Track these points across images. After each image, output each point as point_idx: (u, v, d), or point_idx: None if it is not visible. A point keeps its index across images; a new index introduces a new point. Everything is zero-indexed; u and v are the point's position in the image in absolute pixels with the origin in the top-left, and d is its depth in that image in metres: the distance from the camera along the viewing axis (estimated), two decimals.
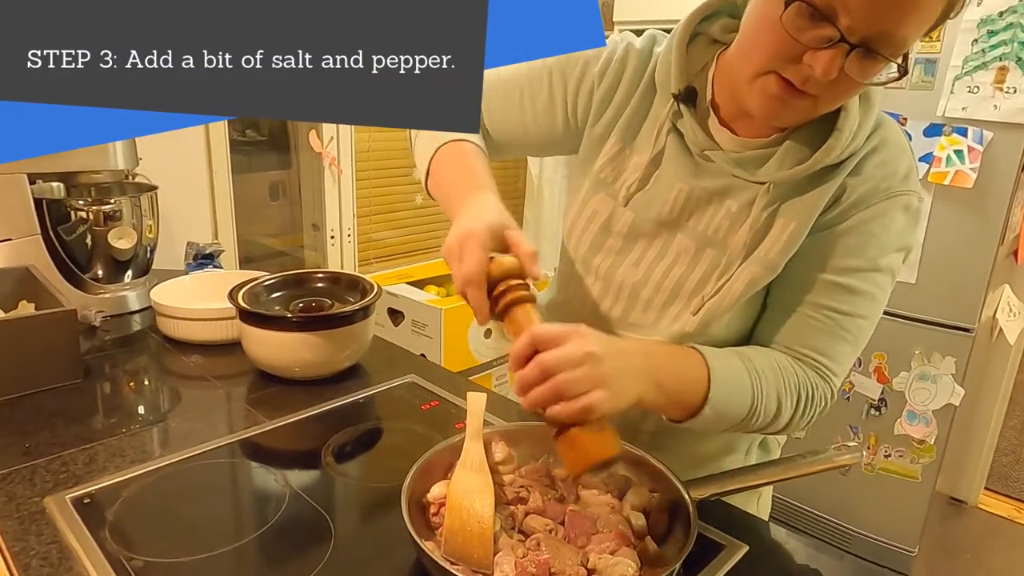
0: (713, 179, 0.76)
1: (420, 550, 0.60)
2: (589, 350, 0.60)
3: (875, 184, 0.72)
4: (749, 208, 0.74)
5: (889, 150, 0.73)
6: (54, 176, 1.28)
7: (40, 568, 0.63)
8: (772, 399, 0.72)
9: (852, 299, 0.73)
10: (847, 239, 0.73)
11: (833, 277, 0.73)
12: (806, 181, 0.72)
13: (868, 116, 0.71)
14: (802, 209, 0.72)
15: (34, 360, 0.96)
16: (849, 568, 0.72)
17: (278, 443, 0.89)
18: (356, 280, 1.14)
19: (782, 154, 0.72)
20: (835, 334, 0.74)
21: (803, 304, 0.74)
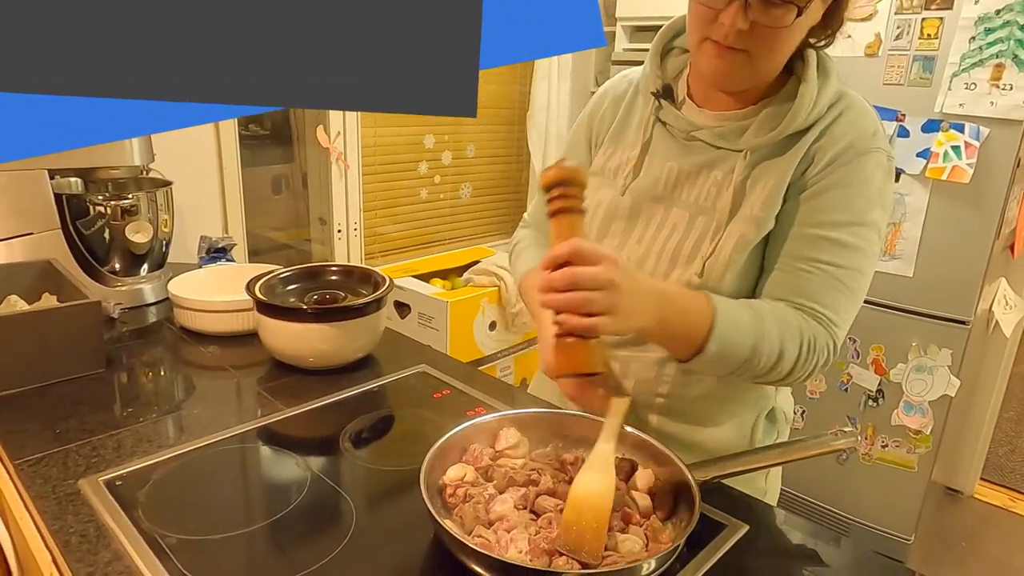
0: (699, 155, 0.86)
1: (439, 526, 0.64)
2: (614, 279, 0.66)
3: (847, 142, 0.79)
4: (731, 174, 0.83)
5: (854, 112, 0.81)
6: (73, 172, 1.32)
7: (79, 544, 0.67)
8: (775, 340, 0.76)
9: (843, 252, 0.79)
10: (830, 194, 0.79)
11: (822, 231, 0.79)
12: (779, 147, 0.81)
13: (827, 86, 0.80)
14: (777, 170, 0.81)
15: (60, 350, 1.00)
16: (846, 550, 0.76)
17: (297, 430, 0.92)
18: (368, 273, 1.17)
19: (757, 125, 0.82)
20: (831, 285, 0.79)
21: (797, 260, 0.80)
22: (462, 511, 0.69)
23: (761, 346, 0.76)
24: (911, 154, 1.88)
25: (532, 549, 0.64)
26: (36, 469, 0.79)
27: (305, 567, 0.65)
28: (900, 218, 1.93)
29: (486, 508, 0.70)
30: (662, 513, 0.71)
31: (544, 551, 0.64)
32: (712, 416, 0.91)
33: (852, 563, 0.74)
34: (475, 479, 0.74)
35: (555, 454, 0.80)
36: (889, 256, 1.96)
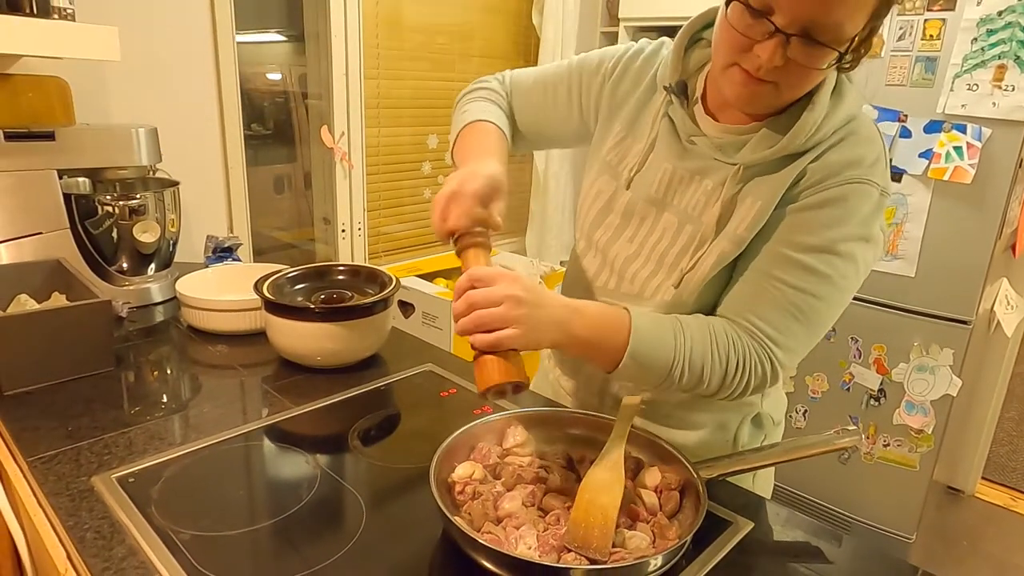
0: (695, 161, 0.84)
1: (449, 522, 0.65)
2: (510, 293, 0.69)
3: (839, 168, 0.76)
4: (721, 187, 0.81)
5: (857, 140, 0.77)
6: (81, 172, 1.33)
7: (94, 541, 0.68)
8: (697, 360, 0.76)
9: (806, 276, 0.76)
10: (809, 215, 0.77)
11: (789, 252, 0.77)
12: (774, 165, 0.78)
13: (838, 108, 0.77)
14: (767, 190, 0.78)
15: (70, 349, 1.01)
16: (849, 548, 0.76)
17: (306, 428, 0.93)
18: (375, 273, 1.18)
19: (756, 140, 0.79)
20: (782, 307, 0.77)
21: (761, 275, 0.79)
22: (471, 508, 0.70)
23: (680, 361, 0.76)
24: (913, 154, 1.88)
25: (541, 545, 0.65)
26: (49, 466, 0.80)
27: (316, 563, 0.66)
28: (902, 218, 1.93)
29: (495, 505, 0.71)
30: (668, 511, 0.72)
31: (553, 547, 0.65)
32: (694, 420, 0.91)
33: (855, 560, 0.75)
34: (483, 477, 0.75)
35: (563, 452, 0.81)
36: (891, 256, 1.97)
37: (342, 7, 2.12)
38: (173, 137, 1.58)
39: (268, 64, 2.23)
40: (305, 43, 2.23)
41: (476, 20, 2.55)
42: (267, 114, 2.30)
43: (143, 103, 1.67)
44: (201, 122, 1.80)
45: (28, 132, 1.23)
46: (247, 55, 1.97)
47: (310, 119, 2.32)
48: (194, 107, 1.78)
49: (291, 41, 2.24)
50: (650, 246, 0.87)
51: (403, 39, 2.34)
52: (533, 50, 2.71)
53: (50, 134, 1.25)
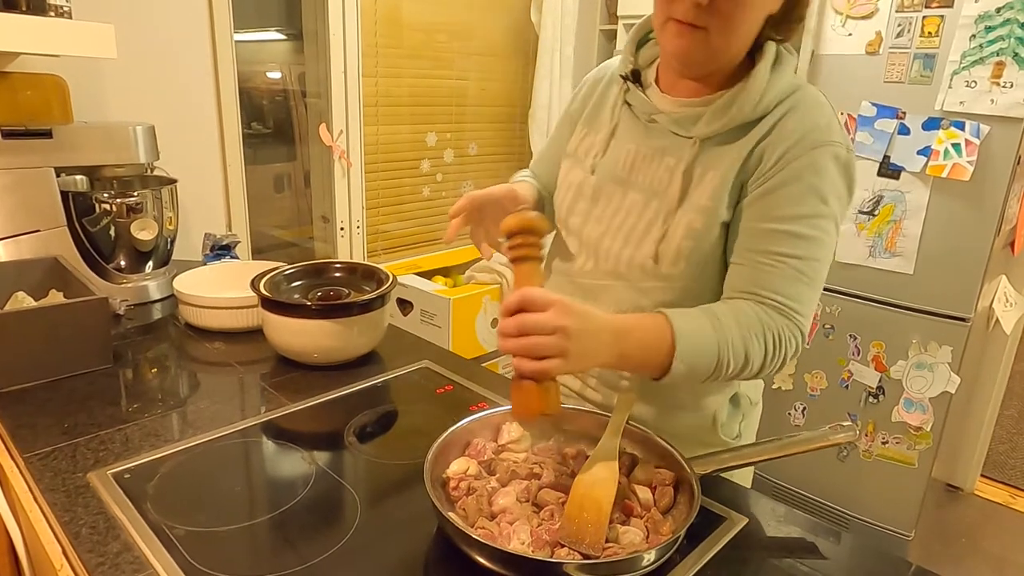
0: (656, 139, 0.90)
1: (443, 519, 0.65)
2: (562, 324, 0.68)
3: (798, 137, 0.80)
4: (682, 162, 0.86)
5: (806, 107, 0.82)
6: (78, 170, 1.33)
7: (89, 536, 0.68)
8: (739, 344, 0.78)
9: (802, 244, 0.80)
10: (785, 190, 0.80)
11: (779, 226, 0.80)
12: (728, 136, 0.83)
13: (779, 78, 0.82)
14: (724, 161, 0.83)
15: (68, 346, 1.01)
16: (846, 544, 0.77)
17: (302, 424, 0.93)
18: (372, 270, 1.18)
19: (709, 115, 0.84)
20: (791, 277, 0.80)
21: (757, 254, 0.81)
22: (465, 504, 0.70)
23: (726, 353, 0.77)
24: (911, 152, 1.88)
25: (535, 540, 0.65)
26: (46, 463, 0.80)
27: (311, 559, 0.67)
28: (900, 215, 1.93)
29: (489, 501, 0.71)
30: (663, 506, 0.72)
31: (546, 542, 0.65)
32: (677, 400, 0.94)
33: (853, 557, 0.75)
34: (478, 473, 0.75)
35: (557, 448, 0.81)
36: (890, 253, 1.97)
37: (340, 5, 2.12)
38: (171, 135, 1.58)
39: (267, 62, 2.23)
40: (304, 41, 2.23)
41: (475, 18, 2.55)
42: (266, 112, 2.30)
43: (141, 101, 1.67)
44: (199, 120, 1.80)
45: (26, 130, 1.23)
46: (246, 53, 1.97)
47: (309, 117, 2.32)
48: (192, 105, 1.78)
49: (290, 39, 2.24)
50: (617, 223, 0.91)
51: (402, 37, 2.35)
52: (532, 48, 2.70)
53: (47, 132, 1.25)
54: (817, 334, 2.16)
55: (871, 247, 2.00)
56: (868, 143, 1.95)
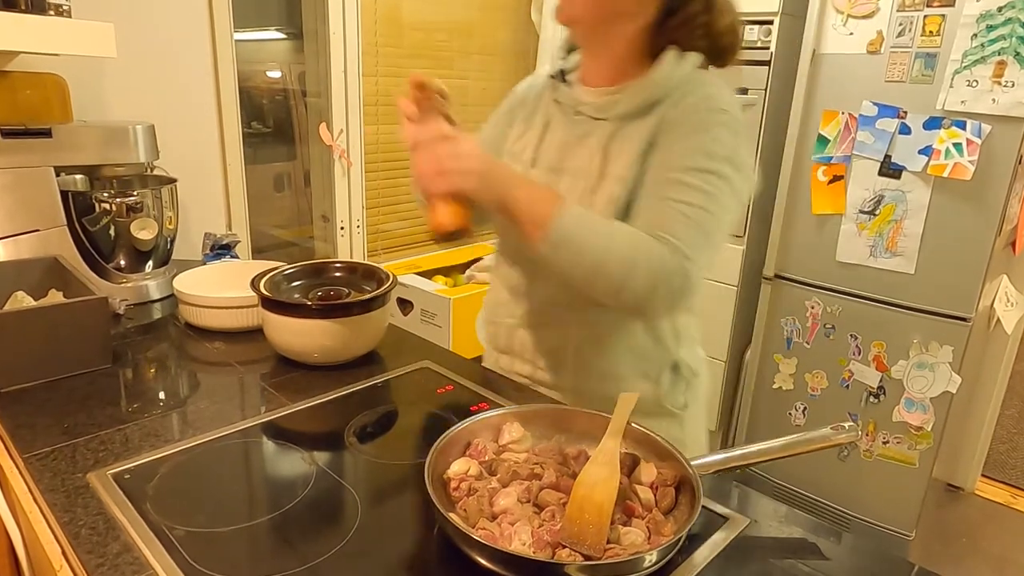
0: (582, 127, 0.99)
1: (444, 519, 0.65)
2: (471, 150, 0.83)
3: (695, 105, 0.90)
4: (601, 140, 0.95)
5: (704, 84, 0.92)
6: (78, 169, 1.33)
7: (89, 537, 0.68)
8: (624, 256, 0.83)
9: (691, 192, 0.85)
10: (678, 145, 0.89)
11: (672, 174, 0.87)
12: (639, 113, 0.93)
13: (682, 65, 0.92)
14: (636, 134, 0.92)
15: (68, 346, 1.01)
16: (847, 545, 0.76)
17: (302, 424, 0.93)
18: (372, 270, 1.18)
19: (624, 98, 0.94)
20: (681, 220, 0.85)
21: (653, 199, 0.88)
22: (466, 504, 0.70)
23: (610, 253, 0.83)
24: (913, 151, 1.88)
25: (536, 541, 0.65)
26: (45, 463, 0.80)
27: (311, 559, 0.66)
28: (901, 215, 1.93)
29: (490, 501, 0.70)
30: (664, 507, 0.72)
31: (547, 543, 0.65)
32: (620, 372, 1.01)
33: (854, 557, 0.75)
34: (479, 473, 0.75)
35: (558, 448, 0.81)
36: (891, 253, 1.97)
37: (340, 5, 2.12)
38: (171, 134, 1.58)
39: (267, 62, 2.23)
40: (304, 41, 2.22)
41: (475, 18, 2.55)
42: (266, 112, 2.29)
43: (141, 100, 1.66)
44: (199, 119, 1.80)
45: (25, 129, 1.23)
46: (246, 53, 1.97)
47: (309, 117, 2.31)
48: (192, 104, 1.78)
49: (290, 39, 2.23)
50: None
51: (402, 37, 2.34)
52: (532, 48, 2.70)
53: (47, 131, 1.25)
54: (818, 334, 2.15)
55: (872, 247, 2.00)
56: (869, 143, 1.95)
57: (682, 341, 1.06)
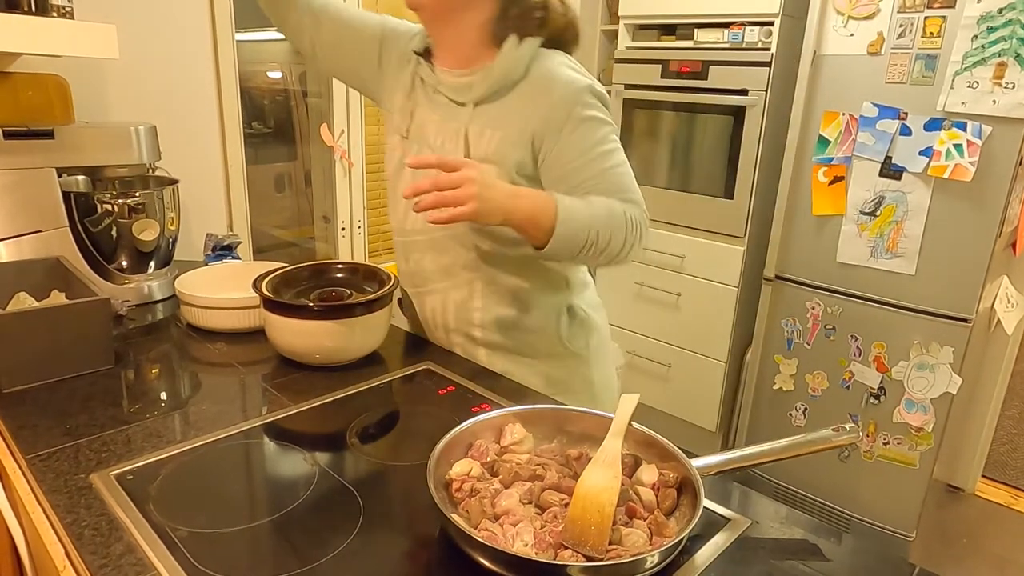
0: (442, 110, 1.07)
1: (446, 520, 0.65)
2: (471, 176, 0.87)
3: (563, 91, 1.00)
4: (462, 125, 1.04)
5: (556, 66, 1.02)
6: (80, 170, 1.33)
7: (92, 538, 0.68)
8: (606, 222, 0.97)
9: (612, 156, 1.02)
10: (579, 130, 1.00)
11: (591, 154, 1.01)
12: (494, 97, 1.03)
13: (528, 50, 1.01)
14: (501, 122, 1.02)
15: (70, 347, 1.01)
16: (848, 546, 0.76)
17: (304, 425, 0.93)
18: (374, 271, 1.18)
19: (476, 84, 1.03)
20: (625, 180, 1.02)
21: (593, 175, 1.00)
22: (468, 505, 0.70)
23: (597, 224, 0.96)
24: (913, 152, 1.88)
25: (538, 542, 0.65)
26: (48, 464, 0.80)
27: (314, 560, 0.66)
28: (902, 216, 1.93)
29: (492, 502, 0.71)
30: (666, 508, 0.72)
31: (549, 544, 0.65)
32: (522, 323, 1.12)
33: (855, 558, 0.75)
34: (481, 474, 0.75)
35: (560, 449, 0.81)
36: (891, 254, 1.97)
37: None
38: (172, 135, 1.58)
39: (268, 62, 2.23)
40: None
41: None
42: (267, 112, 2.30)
43: (142, 101, 1.67)
44: (200, 120, 1.80)
45: (27, 130, 1.23)
46: (247, 53, 1.97)
47: (310, 117, 2.32)
48: (193, 105, 1.78)
49: None
50: None
51: None
52: None
53: (49, 132, 1.25)
54: (818, 334, 2.16)
55: (872, 248, 2.00)
56: (870, 144, 1.95)
57: (573, 287, 1.17)
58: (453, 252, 1.10)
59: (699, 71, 2.35)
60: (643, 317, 2.68)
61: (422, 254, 1.13)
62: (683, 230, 2.51)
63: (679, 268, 2.53)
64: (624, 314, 2.73)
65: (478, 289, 1.11)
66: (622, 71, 2.56)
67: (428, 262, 1.13)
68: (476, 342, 1.15)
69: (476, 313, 1.12)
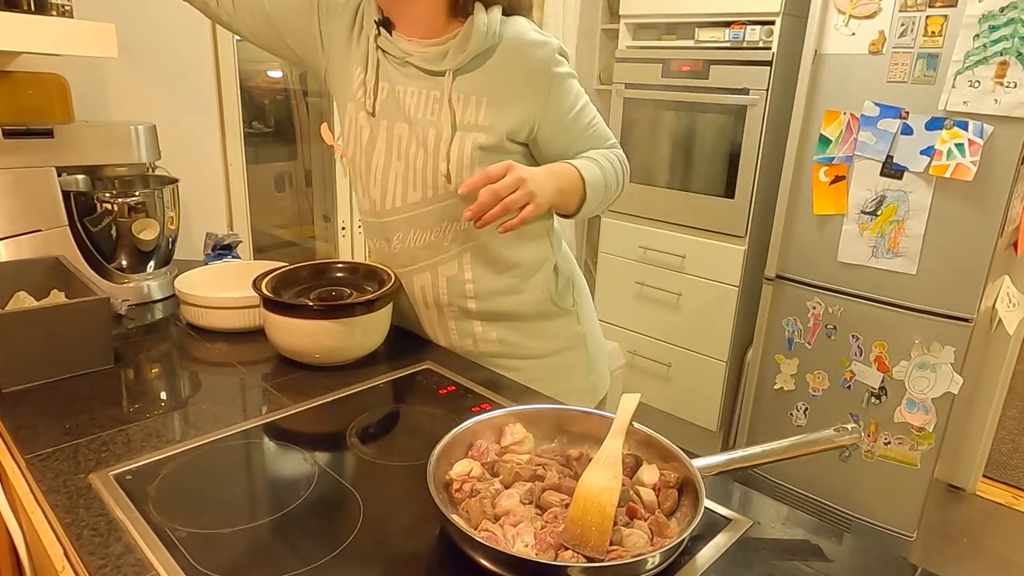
0: (415, 78, 1.06)
1: (446, 521, 0.65)
2: (522, 177, 0.92)
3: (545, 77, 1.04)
4: (444, 93, 1.04)
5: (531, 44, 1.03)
6: (80, 169, 1.33)
7: (91, 538, 0.68)
8: (610, 170, 1.09)
9: (589, 110, 1.11)
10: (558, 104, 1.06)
11: (572, 113, 1.08)
12: (473, 65, 1.03)
13: (494, 17, 1.02)
14: (478, 87, 1.04)
15: (69, 346, 1.00)
16: (850, 546, 0.76)
17: (304, 425, 0.93)
18: (374, 270, 1.18)
19: (451, 52, 1.03)
20: (605, 130, 1.14)
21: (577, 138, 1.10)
22: (468, 506, 0.69)
23: (607, 176, 1.08)
24: (915, 151, 1.88)
25: (538, 543, 0.65)
26: (47, 464, 0.80)
27: (314, 560, 0.66)
28: (903, 216, 1.93)
29: (492, 503, 0.70)
30: (667, 508, 0.72)
31: (550, 545, 0.65)
32: (515, 288, 1.14)
33: (856, 558, 0.75)
34: (481, 474, 0.75)
35: (560, 450, 0.80)
36: (892, 254, 1.97)
37: None
38: (172, 134, 1.58)
39: (268, 61, 2.22)
40: None
41: None
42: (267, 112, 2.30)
43: (142, 100, 1.66)
44: (201, 119, 1.80)
45: (27, 129, 1.23)
46: (247, 52, 1.97)
47: (310, 117, 2.32)
48: (193, 104, 1.78)
49: None
50: (411, 157, 1.07)
51: None
52: None
53: (49, 131, 1.25)
54: (819, 334, 2.15)
55: (874, 247, 2.00)
56: (871, 143, 1.95)
57: (554, 244, 1.20)
58: (438, 227, 1.10)
59: (700, 70, 2.35)
60: (643, 317, 2.68)
61: (405, 232, 1.12)
62: (684, 229, 2.51)
63: (680, 268, 2.53)
64: (624, 314, 2.73)
65: (467, 260, 1.12)
66: (623, 70, 2.56)
67: (413, 239, 1.12)
68: (471, 315, 1.15)
69: (469, 285, 1.13)
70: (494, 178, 0.90)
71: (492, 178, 0.90)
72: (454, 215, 1.08)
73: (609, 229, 2.73)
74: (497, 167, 0.91)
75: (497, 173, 0.91)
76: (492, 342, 1.17)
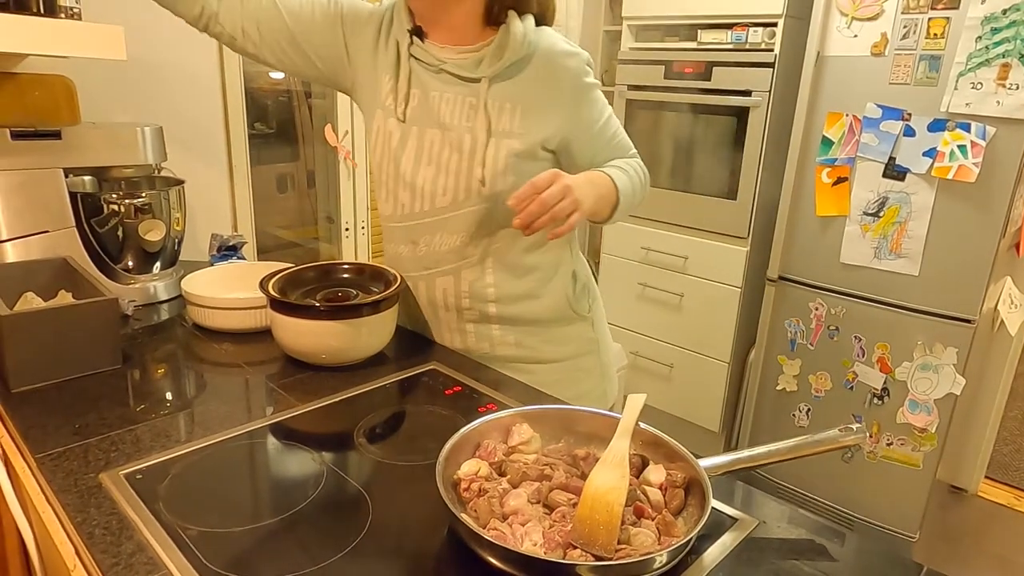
0: (450, 85, 1.08)
1: (456, 520, 0.65)
2: (568, 184, 0.93)
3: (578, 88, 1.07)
4: (480, 99, 1.05)
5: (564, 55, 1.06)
6: (87, 171, 1.33)
7: (103, 536, 0.68)
8: (636, 178, 1.13)
9: (612, 122, 1.14)
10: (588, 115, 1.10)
11: (598, 125, 1.11)
12: (509, 72, 1.05)
13: (528, 26, 1.04)
14: (518, 92, 1.05)
15: (78, 347, 1.01)
16: (854, 546, 0.77)
17: (312, 425, 0.93)
18: (380, 271, 1.19)
19: (487, 59, 1.04)
20: (623, 141, 1.16)
21: (604, 148, 1.13)
22: (477, 505, 0.70)
23: (635, 183, 1.12)
24: (917, 153, 1.88)
25: (547, 542, 0.65)
26: (57, 463, 0.80)
27: (324, 559, 0.67)
28: (906, 217, 1.93)
29: (500, 502, 0.71)
30: (674, 508, 0.72)
31: (558, 544, 0.65)
32: (535, 293, 1.16)
33: (859, 558, 0.75)
34: (489, 474, 0.76)
35: (567, 449, 0.81)
36: (895, 255, 1.97)
37: None
38: (178, 136, 1.58)
39: None
40: None
41: None
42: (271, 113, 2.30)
43: (148, 102, 1.67)
44: (206, 121, 1.81)
45: (34, 131, 1.23)
46: None
47: (314, 118, 2.32)
48: (199, 106, 1.78)
49: None
50: (444, 161, 1.08)
51: None
52: None
53: (56, 133, 1.26)
54: (821, 335, 2.16)
55: (876, 248, 2.00)
56: (873, 144, 1.95)
57: (573, 251, 1.22)
58: (465, 231, 1.10)
59: (703, 72, 2.35)
60: (646, 318, 2.68)
61: (432, 235, 1.13)
62: (686, 231, 2.51)
63: (682, 269, 2.54)
64: (627, 314, 2.73)
65: (490, 265, 1.13)
66: (625, 72, 2.57)
67: (439, 243, 1.13)
68: (490, 319, 1.16)
69: (490, 289, 1.14)
70: (541, 188, 0.91)
71: (539, 188, 0.91)
72: (480, 220, 1.09)
73: (611, 230, 2.73)
74: (544, 176, 0.92)
75: (544, 183, 0.92)
76: (509, 345, 1.17)
